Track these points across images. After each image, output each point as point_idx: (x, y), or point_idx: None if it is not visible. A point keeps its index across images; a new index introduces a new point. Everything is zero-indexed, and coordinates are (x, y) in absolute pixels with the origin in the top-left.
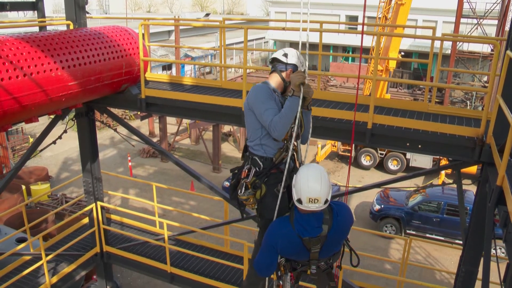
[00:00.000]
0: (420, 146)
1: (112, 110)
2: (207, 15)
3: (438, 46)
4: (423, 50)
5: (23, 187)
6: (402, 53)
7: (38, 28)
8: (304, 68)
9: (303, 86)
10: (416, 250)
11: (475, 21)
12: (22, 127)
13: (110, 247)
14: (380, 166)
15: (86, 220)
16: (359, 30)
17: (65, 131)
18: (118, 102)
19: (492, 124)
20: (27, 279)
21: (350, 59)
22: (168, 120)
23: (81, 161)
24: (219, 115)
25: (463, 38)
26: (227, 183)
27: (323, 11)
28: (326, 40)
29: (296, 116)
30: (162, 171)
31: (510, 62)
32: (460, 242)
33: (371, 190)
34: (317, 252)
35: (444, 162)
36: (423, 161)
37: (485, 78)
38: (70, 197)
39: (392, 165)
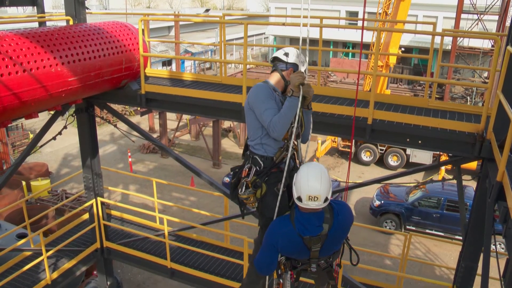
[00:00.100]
0: (420, 142)
1: (112, 106)
2: (207, 10)
3: (439, 41)
4: (423, 45)
5: (23, 183)
6: (403, 48)
7: (37, 23)
8: (305, 68)
9: (302, 86)
10: (416, 245)
11: (475, 16)
12: (22, 123)
13: (111, 243)
14: (380, 161)
15: (86, 216)
16: (359, 25)
17: (65, 127)
18: (118, 97)
19: (492, 119)
20: (28, 274)
21: (350, 54)
22: (168, 115)
23: (81, 157)
24: (219, 111)
25: (464, 33)
26: (227, 179)
27: (323, 7)
28: (326, 35)
29: (296, 116)
30: (162, 166)
31: (511, 58)
32: (460, 238)
33: (371, 186)
34: (317, 251)
35: (444, 157)
36: (423, 156)
37: (485, 73)
38: (70, 193)
39: (392, 160)
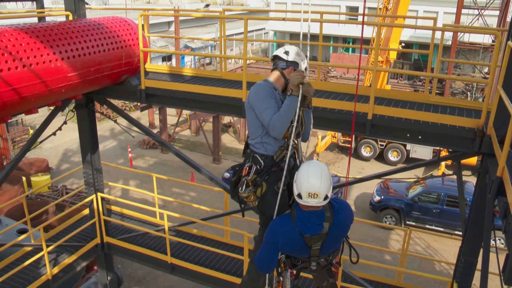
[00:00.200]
0: (420, 137)
1: (112, 101)
2: (207, 5)
3: (439, 37)
4: (423, 41)
5: (24, 178)
6: (403, 44)
7: (37, 19)
8: (305, 66)
9: (302, 86)
10: (415, 241)
11: (476, 12)
12: (22, 119)
13: (111, 238)
14: (380, 157)
15: (86, 211)
16: (360, 20)
17: (65, 122)
18: (118, 93)
19: (492, 115)
20: (28, 270)
21: (350, 50)
22: (168, 111)
23: (81, 152)
24: (219, 106)
25: (464, 28)
26: (227, 174)
27: (323, 2)
28: (327, 31)
29: (296, 115)
30: (162, 162)
31: (511, 53)
32: (460, 233)
33: (371, 181)
34: (317, 249)
35: (444, 153)
36: (423, 152)
37: (485, 69)
38: (70, 188)
39: (392, 156)
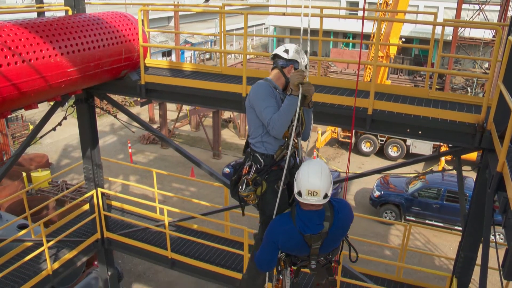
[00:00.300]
0: (420, 132)
1: (112, 97)
2: (207, 0)
3: (439, 32)
4: (424, 36)
5: (24, 174)
6: (403, 39)
7: (36, 14)
8: (306, 64)
9: (302, 85)
10: (415, 236)
11: (477, 7)
12: (21, 114)
13: (111, 233)
14: (380, 152)
15: (86, 207)
16: (360, 15)
17: (64, 118)
18: (118, 88)
19: (493, 110)
20: (29, 265)
21: (350, 45)
22: (168, 106)
23: (81, 147)
24: (219, 101)
25: (465, 23)
26: (227, 169)
27: None
28: (327, 26)
29: (296, 114)
30: (162, 157)
31: None
32: (459, 228)
33: (371, 177)
34: (317, 248)
35: (444, 148)
36: (423, 147)
37: (486, 64)
38: (70, 183)
39: (392, 151)
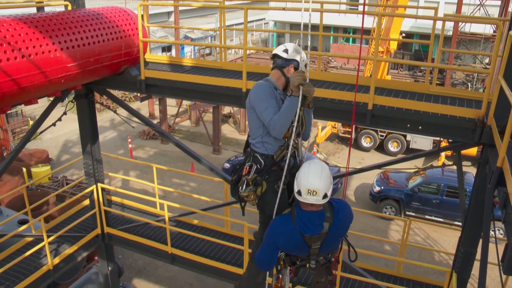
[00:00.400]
0: (420, 128)
1: (112, 92)
2: None
3: (440, 27)
4: (424, 31)
5: (24, 169)
6: (403, 34)
7: (35, 9)
8: (306, 62)
9: (303, 86)
10: (415, 231)
11: (477, 2)
12: (21, 110)
13: (111, 229)
14: (380, 148)
15: (87, 202)
16: (360, 10)
17: (64, 113)
18: (118, 83)
19: (493, 105)
20: (30, 260)
21: (350, 40)
22: (168, 102)
23: (81, 143)
24: (219, 96)
25: (465, 18)
26: (227, 165)
27: None
28: (327, 21)
29: (296, 114)
30: (162, 152)
31: None
32: (459, 224)
33: (371, 172)
34: (317, 248)
35: (444, 143)
36: (423, 142)
37: (486, 59)
38: (70, 179)
39: (392, 147)
